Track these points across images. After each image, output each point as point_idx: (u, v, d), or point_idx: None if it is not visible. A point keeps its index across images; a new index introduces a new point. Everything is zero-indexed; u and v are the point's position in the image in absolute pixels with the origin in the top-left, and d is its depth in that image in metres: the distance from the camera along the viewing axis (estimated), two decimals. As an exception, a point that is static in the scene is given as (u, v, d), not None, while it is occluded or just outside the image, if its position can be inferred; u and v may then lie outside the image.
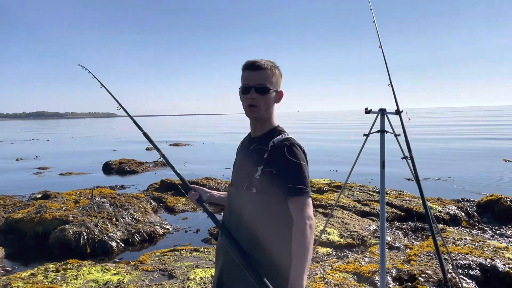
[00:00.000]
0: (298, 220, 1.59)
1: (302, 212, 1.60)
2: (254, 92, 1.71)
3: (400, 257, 4.69)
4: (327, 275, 4.11)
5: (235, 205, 1.79)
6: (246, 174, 1.75)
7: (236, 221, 1.76)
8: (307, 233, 1.56)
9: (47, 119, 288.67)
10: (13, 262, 5.67)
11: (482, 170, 12.99)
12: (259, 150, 1.74)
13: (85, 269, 4.59)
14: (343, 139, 27.57)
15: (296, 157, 1.66)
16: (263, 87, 1.71)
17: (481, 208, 7.70)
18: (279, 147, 1.69)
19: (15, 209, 7.73)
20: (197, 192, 2.01)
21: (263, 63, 1.73)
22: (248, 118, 1.79)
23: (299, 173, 1.64)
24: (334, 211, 7.04)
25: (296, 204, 1.61)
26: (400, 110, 2.96)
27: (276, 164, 1.67)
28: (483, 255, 4.47)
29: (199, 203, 1.99)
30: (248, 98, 1.73)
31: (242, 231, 1.72)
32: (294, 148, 1.68)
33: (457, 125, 42.56)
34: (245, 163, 1.79)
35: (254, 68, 1.72)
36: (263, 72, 1.72)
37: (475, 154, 17.52)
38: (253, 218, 1.69)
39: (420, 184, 2.96)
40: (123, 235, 6.40)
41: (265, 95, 1.72)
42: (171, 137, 33.24)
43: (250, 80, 1.72)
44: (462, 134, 29.12)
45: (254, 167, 1.71)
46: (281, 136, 1.74)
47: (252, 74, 1.72)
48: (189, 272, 4.50)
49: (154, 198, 8.90)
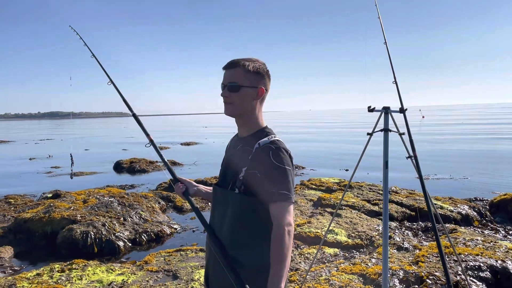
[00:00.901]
0: (277, 226, 1.57)
1: (281, 218, 1.57)
2: (226, 90, 1.72)
3: (408, 258, 4.59)
4: (332, 276, 4.04)
5: (219, 204, 1.80)
6: (231, 174, 1.74)
7: (219, 220, 1.77)
8: (286, 240, 1.55)
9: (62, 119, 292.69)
10: (22, 261, 5.72)
11: (496, 168, 12.75)
12: (245, 150, 1.72)
13: (90, 269, 4.59)
14: (354, 137, 27.33)
15: (281, 161, 1.62)
16: (234, 84, 1.71)
17: (494, 207, 7.54)
18: (264, 149, 1.66)
19: (25, 208, 7.81)
20: (184, 185, 1.99)
21: (236, 61, 1.73)
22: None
23: (283, 178, 1.61)
24: (343, 211, 6.95)
25: (277, 209, 1.59)
26: (404, 108, 2.88)
27: (260, 167, 1.64)
28: (494, 256, 4.35)
29: (184, 196, 1.98)
30: (222, 96, 1.75)
31: (224, 231, 1.73)
32: (280, 152, 1.64)
33: (470, 124, 41.88)
34: (230, 163, 1.79)
35: (227, 67, 1.74)
36: (235, 69, 1.72)
37: (489, 152, 17.21)
38: (235, 218, 1.69)
39: (423, 183, 2.88)
40: (131, 235, 6.40)
41: (237, 92, 1.71)
42: (182, 137, 33.40)
43: (224, 78, 1.74)
44: (476, 133, 28.66)
45: (239, 168, 1.70)
46: (267, 139, 1.70)
47: (226, 73, 1.74)
48: (194, 272, 4.48)
49: (163, 197, 8.91)
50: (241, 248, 1.67)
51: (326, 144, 23.09)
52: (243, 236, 1.68)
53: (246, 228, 1.67)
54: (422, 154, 15.52)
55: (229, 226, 1.70)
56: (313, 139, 26.49)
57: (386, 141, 2.88)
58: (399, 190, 8.52)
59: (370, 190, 8.59)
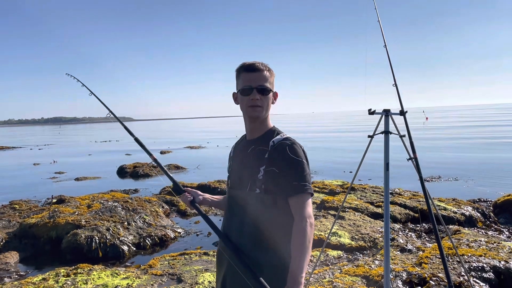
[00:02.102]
0: (299, 219, 1.63)
1: (303, 210, 1.63)
2: (256, 92, 1.75)
3: (411, 259, 4.60)
4: (336, 278, 4.06)
5: (237, 208, 1.81)
6: (248, 176, 1.76)
7: (239, 224, 1.78)
8: (308, 231, 1.61)
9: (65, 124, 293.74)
10: (27, 266, 5.76)
11: (500, 169, 12.72)
12: (259, 151, 1.76)
13: (95, 273, 4.63)
14: (357, 139, 27.32)
15: (297, 155, 1.69)
16: (264, 87, 1.76)
17: (497, 208, 7.53)
18: (281, 146, 1.72)
19: (30, 214, 7.86)
20: (190, 195, 2.01)
21: (261, 65, 1.77)
22: (248, 119, 1.82)
23: (301, 171, 1.67)
24: (346, 213, 6.96)
25: (298, 202, 1.65)
26: (404, 111, 2.91)
27: (278, 163, 1.69)
28: (497, 257, 4.35)
29: (192, 205, 2.00)
30: (250, 99, 1.76)
31: (246, 234, 1.74)
32: (295, 146, 1.72)
33: (475, 126, 41.79)
34: (245, 165, 1.81)
35: (253, 70, 1.77)
36: (262, 73, 1.76)
37: (493, 153, 17.18)
38: (257, 219, 1.72)
39: (424, 185, 2.89)
40: (135, 239, 6.44)
41: (266, 95, 1.77)
42: (185, 140, 33.46)
43: (252, 81, 1.76)
44: (481, 135, 28.59)
45: (256, 168, 1.73)
46: (280, 136, 1.77)
47: (252, 76, 1.76)
48: (198, 276, 4.50)
49: (166, 201, 8.94)
50: (262, 249, 1.70)
51: (329, 147, 23.09)
52: (265, 236, 1.70)
53: (268, 228, 1.71)
54: (426, 156, 15.59)
55: (251, 228, 1.73)
56: (316, 141, 26.50)
57: (387, 144, 2.91)
58: (402, 192, 8.53)
59: (373, 192, 8.60)
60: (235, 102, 1.87)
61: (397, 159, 2.88)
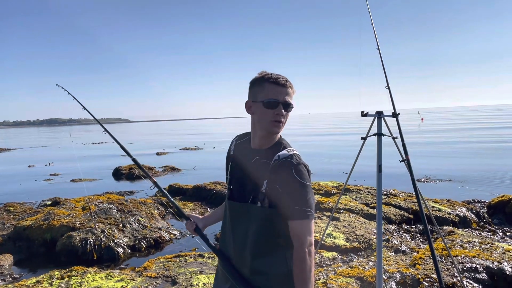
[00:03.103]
0: (299, 246, 1.60)
1: (303, 238, 1.60)
2: (281, 108, 1.69)
3: (405, 261, 4.62)
4: (330, 280, 4.07)
5: (238, 220, 1.77)
6: (251, 187, 1.71)
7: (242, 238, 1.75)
8: (307, 261, 1.59)
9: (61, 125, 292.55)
10: (21, 269, 5.73)
11: (495, 170, 12.79)
12: (263, 164, 1.70)
13: (89, 276, 4.62)
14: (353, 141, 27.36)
15: (302, 177, 1.62)
16: (290, 104, 1.71)
17: (492, 209, 7.57)
18: (285, 164, 1.64)
19: (24, 216, 7.83)
20: (194, 222, 2.03)
21: (288, 81, 1.72)
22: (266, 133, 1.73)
23: (306, 195, 1.62)
24: (341, 215, 6.98)
25: (298, 228, 1.61)
26: (397, 113, 2.93)
27: (282, 182, 1.63)
28: (490, 258, 4.38)
29: (197, 232, 2.02)
30: (275, 114, 1.69)
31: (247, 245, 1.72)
32: (301, 167, 1.64)
33: (471, 128, 42.01)
34: (248, 176, 1.74)
35: (282, 84, 1.70)
36: (288, 89, 1.71)
37: (489, 154, 17.27)
38: (259, 232, 1.68)
39: (416, 186, 2.92)
40: (130, 241, 6.42)
41: (289, 112, 1.72)
42: (182, 142, 33.43)
43: (279, 95, 1.69)
44: (477, 136, 28.74)
45: (260, 181, 1.68)
46: (286, 152, 1.69)
47: (280, 89, 1.69)
48: (193, 278, 4.50)
49: (162, 203, 8.92)
50: (265, 258, 1.68)
51: (325, 148, 23.12)
52: (267, 247, 1.68)
53: (270, 239, 1.68)
54: (421, 157, 15.63)
55: (253, 240, 1.70)
56: (312, 143, 26.55)
57: (379, 145, 2.93)
58: (397, 193, 8.56)
59: (368, 194, 8.62)
60: (248, 111, 1.78)
61: (393, 160, 2.90)
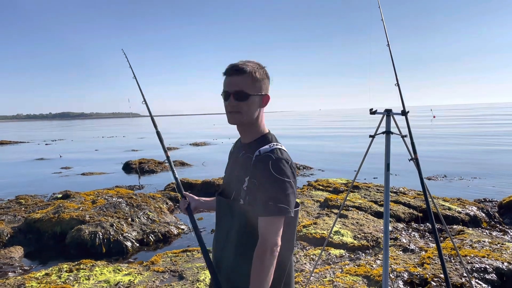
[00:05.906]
0: (263, 243, 1.50)
1: (269, 236, 1.50)
2: (233, 99, 1.60)
3: (413, 260, 4.58)
4: (337, 278, 4.05)
5: (223, 216, 1.74)
6: (235, 183, 1.66)
7: (225, 235, 1.71)
8: (267, 260, 1.48)
9: (73, 119, 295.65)
10: (32, 261, 5.82)
11: (506, 169, 12.61)
12: (247, 158, 1.63)
13: (97, 269, 4.66)
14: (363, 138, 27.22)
15: (280, 172, 1.52)
16: (242, 93, 1.59)
17: (503, 208, 7.47)
18: (264, 159, 1.55)
19: (35, 209, 7.92)
20: (187, 200, 1.95)
21: (243, 67, 1.60)
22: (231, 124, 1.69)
23: (282, 191, 1.51)
24: (349, 212, 6.94)
25: (266, 225, 1.51)
26: (406, 111, 2.88)
27: (258, 177, 1.55)
28: (500, 258, 4.32)
29: (187, 211, 1.95)
30: (227, 105, 1.63)
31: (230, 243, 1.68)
32: (280, 163, 1.54)
33: (483, 124, 41.44)
34: (233, 172, 1.72)
35: (232, 73, 1.61)
36: (242, 77, 1.59)
37: (500, 153, 17.04)
38: (241, 230, 1.63)
39: (424, 185, 2.88)
40: (138, 235, 6.47)
41: (245, 101, 1.60)
42: (191, 137, 33.55)
43: (229, 86, 1.61)
44: (489, 134, 28.36)
45: (242, 177, 1.61)
46: (268, 146, 1.60)
47: (231, 80, 1.61)
48: (199, 273, 4.51)
49: (171, 198, 8.97)
50: (245, 257, 1.58)
51: (335, 144, 23.03)
52: (248, 246, 1.59)
53: (251, 239, 1.57)
54: (432, 155, 15.45)
55: (235, 238, 1.64)
56: (322, 139, 26.45)
57: (388, 144, 2.89)
58: (407, 191, 8.48)
59: (377, 191, 8.56)
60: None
61: (404, 157, 2.88)
